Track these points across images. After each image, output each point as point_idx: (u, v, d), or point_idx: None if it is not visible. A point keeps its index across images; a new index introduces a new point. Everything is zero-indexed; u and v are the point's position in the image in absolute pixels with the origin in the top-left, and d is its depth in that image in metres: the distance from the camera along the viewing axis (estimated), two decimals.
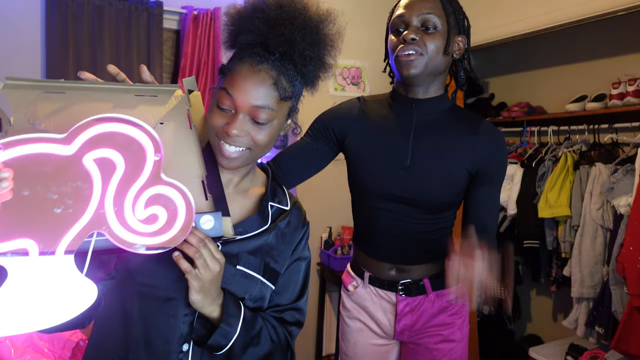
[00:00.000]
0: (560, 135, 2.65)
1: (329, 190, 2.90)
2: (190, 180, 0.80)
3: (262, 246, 0.93)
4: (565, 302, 2.70)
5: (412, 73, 1.12)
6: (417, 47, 1.10)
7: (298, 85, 0.89)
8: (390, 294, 1.29)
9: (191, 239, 0.77)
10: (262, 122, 0.84)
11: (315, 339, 2.94)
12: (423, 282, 1.26)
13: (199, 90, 3.57)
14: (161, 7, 2.94)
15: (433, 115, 1.19)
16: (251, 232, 0.92)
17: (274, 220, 0.96)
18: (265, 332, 0.90)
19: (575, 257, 2.29)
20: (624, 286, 2.04)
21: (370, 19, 2.90)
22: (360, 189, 1.27)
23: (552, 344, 2.54)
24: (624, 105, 2.26)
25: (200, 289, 0.79)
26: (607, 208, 2.21)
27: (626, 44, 2.44)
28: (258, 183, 1.01)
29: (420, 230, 1.23)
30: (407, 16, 1.12)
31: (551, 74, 2.86)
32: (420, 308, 1.28)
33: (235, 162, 0.87)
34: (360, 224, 1.33)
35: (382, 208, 1.23)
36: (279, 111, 0.86)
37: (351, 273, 1.38)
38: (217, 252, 0.80)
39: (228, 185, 0.95)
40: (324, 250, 2.83)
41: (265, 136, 0.86)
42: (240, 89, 0.82)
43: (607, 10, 2.08)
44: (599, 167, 2.27)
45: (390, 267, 1.28)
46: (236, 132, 0.82)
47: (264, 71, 0.83)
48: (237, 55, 0.86)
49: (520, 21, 2.47)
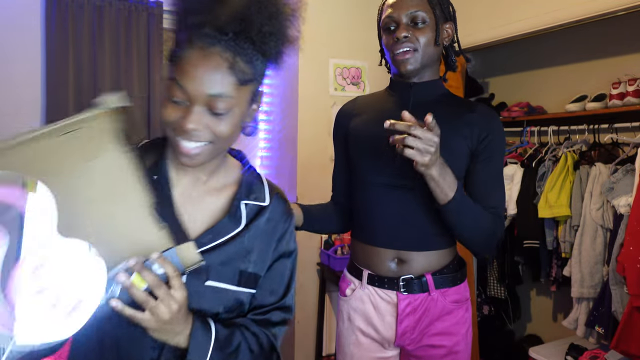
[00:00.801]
0: (560, 135, 2.65)
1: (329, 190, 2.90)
2: (138, 213, 0.70)
3: (236, 252, 0.83)
4: (565, 302, 2.70)
5: (409, 69, 1.20)
6: (410, 43, 1.18)
7: (259, 65, 0.77)
8: (390, 292, 1.24)
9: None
10: (220, 112, 0.74)
11: (315, 339, 2.94)
12: (425, 278, 1.22)
13: None
14: (161, 7, 2.93)
15: (429, 97, 1.26)
16: (222, 237, 0.81)
17: (251, 220, 0.85)
18: (244, 345, 0.82)
19: (575, 257, 2.29)
20: (624, 286, 2.04)
21: (370, 19, 2.88)
22: (360, 175, 1.29)
23: (552, 344, 2.54)
24: (624, 105, 2.26)
25: (158, 329, 0.71)
26: (607, 208, 2.21)
27: (626, 44, 2.44)
28: (231, 179, 0.90)
29: (420, 213, 1.22)
30: (396, 15, 1.19)
31: (551, 74, 2.85)
32: (422, 308, 1.23)
33: (196, 158, 0.77)
34: (360, 212, 1.31)
35: (382, 190, 1.24)
36: (239, 97, 0.76)
37: (348, 276, 1.35)
38: (177, 290, 0.70)
39: (195, 185, 0.86)
40: (324, 250, 2.83)
41: (227, 126, 0.76)
42: (192, 77, 0.71)
43: (607, 10, 2.08)
44: (599, 167, 2.27)
45: (390, 256, 1.24)
46: (192, 126, 0.73)
47: (216, 54, 0.72)
48: (186, 39, 0.74)
49: (520, 21, 2.47)
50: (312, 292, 2.92)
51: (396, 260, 1.25)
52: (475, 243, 1.19)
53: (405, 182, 1.21)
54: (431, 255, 1.24)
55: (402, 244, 1.24)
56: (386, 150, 1.15)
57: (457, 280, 1.26)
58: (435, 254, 1.24)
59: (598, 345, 2.33)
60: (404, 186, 1.21)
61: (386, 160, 1.22)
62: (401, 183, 1.21)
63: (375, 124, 1.19)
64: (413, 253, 1.23)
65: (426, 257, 1.23)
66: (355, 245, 1.33)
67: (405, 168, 1.17)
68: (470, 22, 2.73)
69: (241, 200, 0.86)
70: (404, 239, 1.23)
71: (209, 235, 0.81)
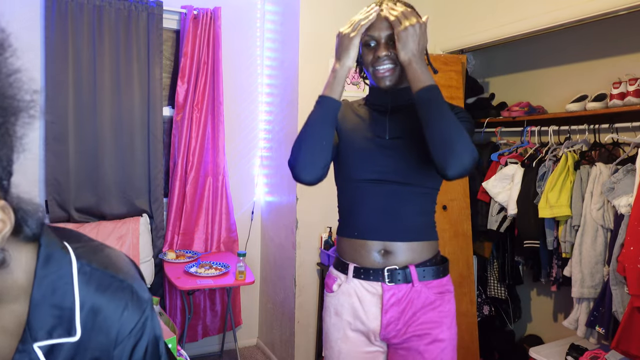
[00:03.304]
0: (561, 135, 2.64)
1: (329, 190, 2.89)
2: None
3: None
4: (566, 302, 2.69)
5: (388, 84, 1.30)
6: (390, 60, 1.27)
7: None
8: (375, 284, 1.29)
9: None
10: None
11: (316, 339, 2.94)
12: (409, 269, 1.27)
13: (198, 90, 3.57)
14: (161, 7, 2.93)
15: (407, 100, 1.33)
16: None
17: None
18: None
19: (575, 257, 2.29)
20: (625, 286, 2.04)
21: None
22: (345, 172, 1.35)
23: (553, 344, 2.54)
24: (624, 105, 2.26)
25: None
26: (607, 208, 2.21)
27: (626, 44, 2.44)
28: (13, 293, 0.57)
29: (405, 205, 1.29)
30: (376, 35, 1.27)
31: (551, 73, 2.85)
32: (406, 299, 1.28)
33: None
34: (347, 209, 1.37)
35: (368, 186, 1.31)
36: None
37: (334, 272, 1.39)
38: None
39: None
40: (324, 250, 2.83)
41: None
42: None
43: (607, 10, 2.08)
44: (599, 167, 2.27)
45: (377, 247, 1.29)
46: None
47: None
48: None
49: (520, 21, 2.47)
50: (312, 292, 2.92)
51: (382, 252, 1.30)
52: (451, 147, 1.15)
53: (390, 177, 1.29)
54: (415, 246, 1.30)
55: (388, 235, 1.29)
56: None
57: (439, 273, 1.32)
58: (419, 245, 1.30)
59: (598, 346, 2.33)
60: (389, 180, 1.29)
61: (371, 157, 1.30)
62: (387, 178, 1.29)
63: (358, 126, 1.35)
64: (398, 244, 1.29)
65: (411, 248, 1.29)
66: (342, 241, 1.38)
67: (391, 164, 1.28)
68: (471, 22, 2.73)
69: (31, 344, 0.56)
70: (389, 230, 1.29)
71: None
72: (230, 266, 2.76)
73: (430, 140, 1.17)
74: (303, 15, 2.79)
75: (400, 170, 1.29)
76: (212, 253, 3.13)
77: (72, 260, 0.59)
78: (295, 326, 2.87)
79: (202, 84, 3.06)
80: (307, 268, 2.89)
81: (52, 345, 0.56)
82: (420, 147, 1.25)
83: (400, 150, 1.30)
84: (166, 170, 3.11)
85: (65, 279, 0.57)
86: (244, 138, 3.33)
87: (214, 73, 3.09)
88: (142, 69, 2.92)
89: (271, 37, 3.21)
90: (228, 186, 3.19)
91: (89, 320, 0.58)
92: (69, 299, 0.57)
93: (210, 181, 3.13)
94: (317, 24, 2.81)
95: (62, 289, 0.57)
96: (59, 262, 0.58)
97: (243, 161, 3.34)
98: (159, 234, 3.01)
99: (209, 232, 3.15)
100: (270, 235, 3.25)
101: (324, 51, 2.82)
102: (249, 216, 3.36)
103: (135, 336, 0.61)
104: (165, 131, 3.10)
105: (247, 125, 3.33)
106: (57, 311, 0.56)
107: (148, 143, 2.95)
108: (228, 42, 3.19)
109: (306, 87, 2.81)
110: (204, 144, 3.10)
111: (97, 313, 0.59)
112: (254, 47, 3.32)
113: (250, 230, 3.35)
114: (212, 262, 2.79)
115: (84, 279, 0.59)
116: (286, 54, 2.98)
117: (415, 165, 1.29)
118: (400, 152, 1.29)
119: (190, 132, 3.05)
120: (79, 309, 0.57)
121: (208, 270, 2.68)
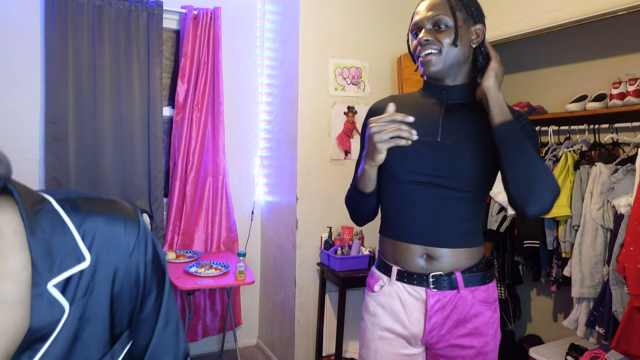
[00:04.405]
0: (561, 135, 2.64)
1: (329, 190, 2.90)
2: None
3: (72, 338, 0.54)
4: (566, 302, 2.70)
5: (432, 70, 1.25)
6: (433, 45, 1.24)
7: None
8: (419, 289, 1.25)
9: None
10: None
11: (316, 339, 2.94)
12: (455, 275, 1.23)
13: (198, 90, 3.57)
14: (161, 7, 2.93)
15: (461, 99, 1.30)
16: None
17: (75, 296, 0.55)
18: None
19: (575, 257, 2.29)
20: (625, 286, 2.04)
21: (370, 19, 2.90)
22: (391, 171, 1.29)
23: (552, 344, 2.54)
24: (624, 105, 2.26)
25: None
26: (607, 208, 2.21)
27: (626, 44, 2.44)
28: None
29: (451, 210, 1.24)
30: (420, 22, 1.27)
31: (551, 74, 2.85)
32: (451, 305, 1.24)
33: None
34: (390, 208, 1.32)
35: (413, 188, 1.26)
36: None
37: (377, 273, 1.35)
38: None
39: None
40: (324, 250, 2.83)
41: None
42: None
43: (607, 10, 2.08)
44: (599, 167, 2.27)
45: (420, 252, 1.25)
46: None
47: None
48: None
49: (520, 21, 2.47)
50: (312, 292, 2.92)
51: (425, 257, 1.26)
52: (530, 184, 1.13)
53: (438, 180, 1.24)
54: (460, 252, 1.25)
55: (431, 241, 1.25)
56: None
57: (486, 279, 1.28)
58: (464, 252, 1.25)
59: (598, 346, 2.33)
60: (436, 184, 1.24)
61: (420, 158, 1.25)
62: (433, 181, 1.24)
63: (410, 124, 1.21)
64: (442, 250, 1.24)
65: (455, 255, 1.25)
66: (384, 241, 1.34)
67: (439, 166, 1.23)
68: None
69: (46, 286, 0.54)
70: (433, 236, 1.25)
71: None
72: (230, 266, 2.76)
73: (511, 177, 1.15)
74: (303, 15, 2.79)
75: (449, 174, 1.23)
76: (212, 253, 3.13)
77: (48, 197, 0.57)
78: (295, 326, 2.88)
79: (202, 84, 3.07)
80: (307, 268, 2.90)
81: (67, 280, 0.54)
82: (472, 152, 1.22)
83: (451, 153, 1.24)
84: (166, 170, 3.11)
85: (50, 214, 0.56)
86: (244, 138, 3.33)
87: (214, 73, 3.09)
88: (142, 69, 2.92)
89: (271, 37, 3.21)
90: (228, 186, 3.19)
91: (95, 241, 0.57)
92: (62, 229, 0.56)
93: (210, 181, 3.13)
94: (317, 24, 2.81)
95: (52, 222, 0.55)
96: (38, 200, 0.56)
97: (243, 161, 3.34)
98: (159, 234, 3.01)
99: (209, 232, 3.15)
100: (270, 235, 3.26)
101: (324, 51, 2.82)
102: (249, 216, 3.36)
103: (143, 238, 0.62)
104: (165, 131, 3.10)
105: (247, 125, 3.34)
106: (57, 246, 0.55)
107: (148, 143, 2.95)
108: (228, 42, 3.19)
109: (306, 87, 2.81)
110: (204, 144, 3.10)
111: (98, 231, 0.58)
112: (254, 47, 3.32)
113: (250, 230, 3.35)
114: (212, 262, 2.79)
115: (70, 208, 0.57)
116: (286, 54, 2.98)
117: (465, 170, 1.23)
118: (451, 155, 1.24)
119: (190, 132, 3.05)
120: (79, 235, 0.56)
121: (208, 270, 2.68)
